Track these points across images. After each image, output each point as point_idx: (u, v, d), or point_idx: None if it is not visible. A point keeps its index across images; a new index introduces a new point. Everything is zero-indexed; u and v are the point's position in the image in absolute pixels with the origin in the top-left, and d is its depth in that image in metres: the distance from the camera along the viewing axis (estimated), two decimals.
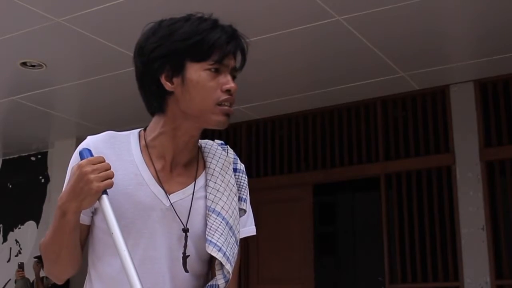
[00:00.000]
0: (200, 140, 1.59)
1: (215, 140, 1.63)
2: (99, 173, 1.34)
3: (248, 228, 1.59)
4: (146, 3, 3.93)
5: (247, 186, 1.60)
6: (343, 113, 5.89)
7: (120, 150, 1.49)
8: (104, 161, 1.37)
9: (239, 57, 1.50)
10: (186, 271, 1.46)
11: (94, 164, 1.35)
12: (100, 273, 1.48)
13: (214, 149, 1.59)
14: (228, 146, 1.63)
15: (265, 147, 6.24)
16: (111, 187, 1.36)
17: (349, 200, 7.40)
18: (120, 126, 6.26)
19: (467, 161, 5.15)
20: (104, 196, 1.36)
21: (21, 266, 6.42)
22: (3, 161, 7.74)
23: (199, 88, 1.44)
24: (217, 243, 1.44)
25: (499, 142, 5.14)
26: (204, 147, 1.59)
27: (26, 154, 7.47)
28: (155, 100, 1.49)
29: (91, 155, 1.40)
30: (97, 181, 1.34)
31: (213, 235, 1.45)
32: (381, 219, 5.52)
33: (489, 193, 5.05)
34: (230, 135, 6.30)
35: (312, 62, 4.92)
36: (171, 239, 1.46)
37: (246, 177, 1.61)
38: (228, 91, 1.45)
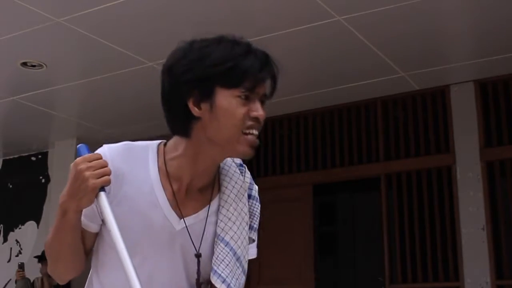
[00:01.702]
0: None
1: (234, 160, 1.57)
2: (94, 170, 1.33)
3: (250, 251, 1.56)
4: (146, 3, 3.92)
5: (259, 215, 1.57)
6: (343, 113, 5.89)
7: (136, 165, 1.45)
8: (101, 158, 1.35)
9: (268, 83, 1.46)
10: None
11: (89, 162, 1.34)
12: (102, 281, 1.47)
13: (232, 172, 1.54)
14: (246, 168, 1.59)
15: (265, 147, 6.24)
16: (108, 185, 1.35)
17: (349, 200, 7.39)
18: (121, 126, 6.26)
19: (467, 161, 5.15)
20: (102, 193, 1.34)
21: (21, 266, 6.42)
22: (4, 161, 7.74)
23: (228, 115, 1.38)
24: (222, 274, 1.42)
25: (499, 142, 5.14)
26: (222, 168, 1.53)
27: (26, 154, 7.47)
28: (180, 123, 1.43)
29: (88, 151, 1.38)
30: (93, 178, 1.32)
31: (219, 265, 1.43)
32: (381, 219, 5.52)
33: (489, 193, 5.05)
34: None
35: (312, 62, 4.92)
36: (176, 263, 1.44)
37: (259, 205, 1.58)
38: (256, 119, 1.41)
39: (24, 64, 4.89)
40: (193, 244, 1.44)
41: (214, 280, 1.41)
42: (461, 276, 5.03)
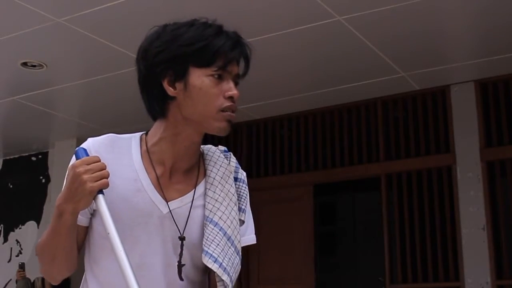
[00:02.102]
0: (202, 146, 1.57)
1: (219, 146, 1.62)
2: (93, 173, 1.33)
3: (248, 237, 1.58)
4: (146, 3, 3.93)
5: (248, 196, 1.59)
6: (343, 113, 5.89)
7: (120, 154, 1.48)
8: (99, 161, 1.36)
9: (242, 64, 1.49)
10: (181, 279, 1.45)
11: (88, 164, 1.34)
12: (97, 277, 1.47)
13: (216, 156, 1.57)
14: (231, 154, 1.61)
15: (265, 147, 6.24)
16: (106, 187, 1.35)
17: (349, 200, 7.39)
18: (121, 126, 6.26)
19: (467, 161, 5.15)
20: (100, 196, 1.35)
21: (21, 266, 6.42)
22: (4, 161, 7.74)
23: (201, 94, 1.42)
24: (213, 254, 1.43)
25: (500, 142, 5.14)
26: (206, 154, 1.57)
27: (26, 154, 7.47)
28: (156, 104, 1.47)
29: (87, 154, 1.39)
30: (91, 181, 1.33)
31: (210, 245, 1.44)
32: (381, 219, 5.52)
33: (489, 193, 5.05)
34: (231, 136, 6.30)
35: (312, 62, 4.92)
36: (167, 246, 1.45)
37: (247, 187, 1.59)
38: (230, 98, 1.44)
39: (24, 64, 4.89)
40: (177, 227, 1.45)
41: (206, 260, 1.42)
42: (461, 276, 5.03)
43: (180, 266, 1.44)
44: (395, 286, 5.37)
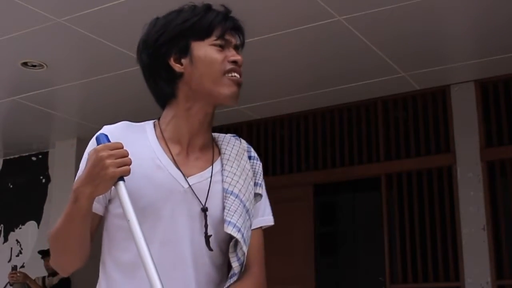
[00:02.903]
0: (212, 133, 1.60)
1: (228, 133, 1.66)
2: (116, 158, 1.33)
3: (266, 217, 1.60)
4: (146, 3, 3.93)
5: (262, 173, 1.62)
6: (343, 113, 5.89)
7: (136, 138, 1.50)
8: (122, 147, 1.36)
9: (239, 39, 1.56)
10: (210, 249, 1.45)
11: (111, 150, 1.34)
12: (116, 260, 1.46)
13: (228, 138, 1.61)
14: (241, 138, 1.65)
15: (265, 147, 6.24)
16: (127, 174, 1.35)
17: (349, 200, 7.39)
18: None
19: (467, 161, 5.15)
20: (121, 182, 1.34)
21: (14, 268, 6.35)
22: (4, 161, 7.74)
23: (207, 62, 1.48)
24: (237, 224, 1.45)
25: (500, 142, 5.14)
26: (218, 137, 1.61)
27: (27, 154, 7.47)
28: (166, 86, 1.51)
29: (108, 140, 1.39)
30: (113, 167, 1.32)
31: (232, 216, 1.46)
32: (382, 219, 5.52)
33: (489, 193, 5.05)
34: (228, 130, 6.29)
35: (312, 62, 4.92)
36: (191, 221, 1.46)
37: (261, 164, 1.63)
38: (234, 62, 1.50)
39: (25, 64, 4.89)
40: (198, 199, 1.46)
41: (230, 229, 1.43)
42: (461, 276, 5.03)
43: (207, 236, 1.45)
44: (395, 286, 5.37)
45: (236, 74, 1.50)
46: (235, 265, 1.45)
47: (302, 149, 6.07)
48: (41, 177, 7.27)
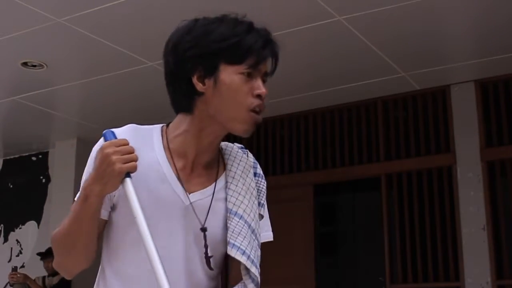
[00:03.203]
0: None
1: (235, 144, 1.62)
2: (121, 155, 1.32)
3: (265, 233, 1.58)
4: (146, 3, 3.92)
5: (265, 192, 1.59)
6: (343, 113, 5.89)
7: (142, 144, 1.46)
8: (128, 144, 1.35)
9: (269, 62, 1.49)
10: (211, 269, 1.45)
11: (117, 146, 1.33)
12: (116, 270, 1.45)
13: (235, 152, 1.57)
14: (248, 151, 1.62)
15: (265, 147, 6.24)
16: (134, 171, 1.34)
17: (349, 200, 7.38)
18: (121, 126, 6.26)
19: (468, 161, 5.15)
20: (128, 179, 1.34)
21: (14, 269, 6.36)
22: (4, 161, 7.74)
23: (231, 91, 1.41)
24: (241, 247, 1.42)
25: (500, 142, 5.14)
26: (225, 149, 1.57)
27: (27, 154, 7.47)
28: (184, 99, 1.46)
29: (115, 137, 1.38)
30: (119, 163, 1.32)
31: (236, 238, 1.43)
32: (382, 219, 5.52)
33: (489, 193, 5.05)
34: (231, 136, 6.29)
35: (313, 62, 4.92)
36: (188, 239, 1.44)
37: (265, 182, 1.60)
38: (259, 96, 1.44)
39: (25, 64, 4.89)
40: (198, 218, 1.44)
41: (234, 253, 1.41)
42: (461, 276, 5.03)
43: (207, 257, 1.44)
44: (395, 286, 5.37)
45: (257, 116, 1.44)
46: (251, 286, 1.43)
47: (302, 149, 6.07)
48: (41, 177, 7.27)
